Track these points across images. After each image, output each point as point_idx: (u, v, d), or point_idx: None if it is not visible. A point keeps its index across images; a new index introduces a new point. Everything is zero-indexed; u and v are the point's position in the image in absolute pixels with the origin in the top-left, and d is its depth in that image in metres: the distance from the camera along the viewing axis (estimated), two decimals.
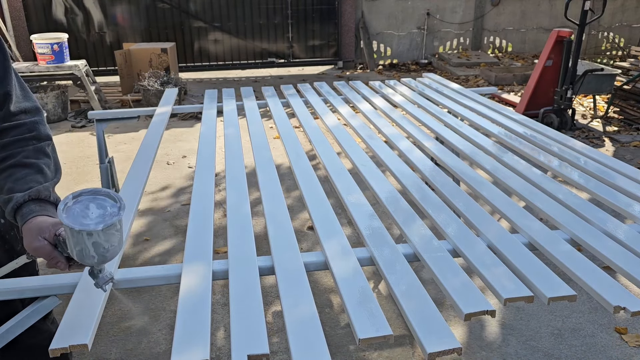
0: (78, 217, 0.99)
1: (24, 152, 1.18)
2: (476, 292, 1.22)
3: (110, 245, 1.01)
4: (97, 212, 1.00)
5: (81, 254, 1.00)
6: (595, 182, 1.86)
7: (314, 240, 3.13)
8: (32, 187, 1.13)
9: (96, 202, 1.02)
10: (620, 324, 2.43)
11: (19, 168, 1.16)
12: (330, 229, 1.53)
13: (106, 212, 1.01)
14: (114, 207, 1.02)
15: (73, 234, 0.98)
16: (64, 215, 0.98)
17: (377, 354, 2.25)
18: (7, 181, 1.14)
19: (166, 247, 3.13)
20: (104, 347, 2.29)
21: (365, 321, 1.12)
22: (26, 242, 1.09)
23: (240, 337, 1.08)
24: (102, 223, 0.98)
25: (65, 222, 0.97)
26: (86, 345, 1.07)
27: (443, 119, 2.63)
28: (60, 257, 1.09)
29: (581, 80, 5.12)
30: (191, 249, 1.43)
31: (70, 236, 0.99)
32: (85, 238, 0.98)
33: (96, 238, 0.98)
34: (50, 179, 1.19)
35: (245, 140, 2.28)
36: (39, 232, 1.08)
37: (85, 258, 1.01)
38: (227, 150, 2.18)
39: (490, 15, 8.91)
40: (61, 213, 0.98)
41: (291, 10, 8.14)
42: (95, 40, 7.64)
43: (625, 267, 1.32)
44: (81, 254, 1.00)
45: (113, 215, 1.00)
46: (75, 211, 1.00)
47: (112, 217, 1.00)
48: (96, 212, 1.00)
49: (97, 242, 0.99)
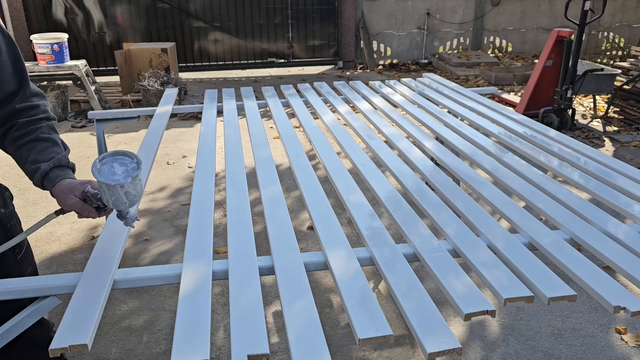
0: (109, 175, 1.25)
1: (39, 129, 1.38)
2: (476, 292, 1.22)
3: (136, 192, 1.29)
4: (121, 169, 1.27)
5: (116, 202, 1.27)
6: (595, 182, 1.86)
7: (314, 240, 3.13)
8: (53, 157, 1.35)
9: (117, 162, 1.29)
10: (620, 324, 2.43)
11: (38, 142, 1.36)
12: (330, 229, 1.53)
13: (128, 168, 1.28)
14: (133, 163, 1.29)
15: (109, 188, 1.24)
16: (98, 176, 1.24)
17: (377, 354, 2.25)
18: (30, 154, 1.34)
19: (166, 247, 3.13)
20: (104, 347, 2.29)
21: (365, 321, 1.12)
22: (60, 201, 1.33)
23: (240, 337, 1.08)
24: (130, 176, 1.25)
25: (101, 181, 1.23)
26: (86, 345, 1.07)
27: (443, 119, 2.63)
28: (90, 209, 1.32)
29: (581, 80, 5.12)
30: (191, 249, 1.43)
31: (106, 190, 1.25)
32: (118, 190, 1.25)
33: (127, 188, 1.26)
34: (64, 150, 1.41)
35: (245, 140, 2.28)
36: (70, 191, 1.31)
37: (119, 205, 1.28)
38: (227, 150, 2.18)
39: (490, 15, 8.91)
40: (95, 174, 1.24)
41: (291, 10, 8.14)
42: (95, 40, 7.65)
43: (625, 267, 1.32)
44: (116, 202, 1.27)
45: (135, 170, 1.27)
46: (105, 171, 1.25)
47: (134, 171, 1.27)
48: (120, 169, 1.27)
49: (128, 191, 1.26)
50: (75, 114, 5.87)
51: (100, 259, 1.38)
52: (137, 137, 5.10)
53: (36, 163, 1.33)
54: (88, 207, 1.32)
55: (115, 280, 1.33)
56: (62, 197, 1.32)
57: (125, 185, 1.25)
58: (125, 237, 1.50)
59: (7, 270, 1.48)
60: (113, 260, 1.37)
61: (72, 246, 3.14)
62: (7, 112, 1.35)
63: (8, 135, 1.37)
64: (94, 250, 1.42)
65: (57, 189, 1.33)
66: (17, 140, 1.37)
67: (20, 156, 1.37)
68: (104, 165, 1.27)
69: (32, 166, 1.34)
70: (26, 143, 1.36)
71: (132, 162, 1.29)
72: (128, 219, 1.35)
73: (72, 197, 1.31)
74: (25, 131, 1.37)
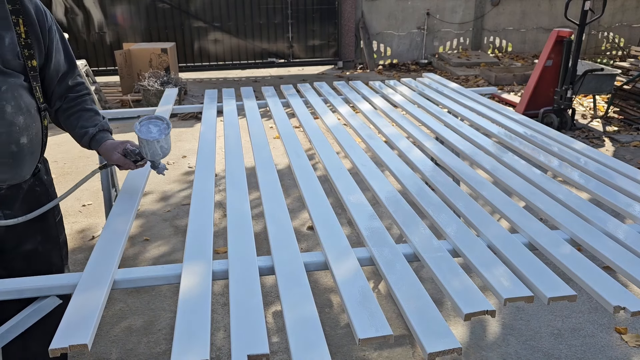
0: (147, 133, 1.61)
1: (85, 101, 1.69)
2: (476, 292, 1.22)
3: (168, 145, 1.65)
4: (156, 129, 1.63)
5: (153, 155, 1.63)
6: (595, 182, 1.86)
7: (314, 240, 3.13)
8: (97, 124, 1.67)
9: (152, 124, 1.64)
10: (620, 324, 2.43)
11: (84, 112, 1.68)
12: (330, 229, 1.53)
13: (161, 128, 1.63)
14: (163, 124, 1.64)
15: (148, 144, 1.60)
16: (140, 134, 1.59)
17: (377, 354, 2.25)
18: (78, 121, 1.66)
19: (166, 247, 3.13)
20: (104, 347, 2.29)
21: (365, 321, 1.12)
22: (106, 157, 1.67)
23: (240, 337, 1.08)
24: (163, 134, 1.61)
25: (142, 138, 1.60)
26: (86, 345, 1.07)
27: (443, 119, 2.63)
28: (129, 163, 1.65)
29: (581, 80, 5.12)
30: (191, 249, 1.43)
31: (146, 145, 1.61)
32: (155, 144, 1.61)
33: (162, 143, 1.62)
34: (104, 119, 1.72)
35: (245, 140, 2.28)
36: (114, 149, 1.64)
37: (155, 156, 1.64)
38: (227, 150, 2.18)
39: (490, 15, 8.92)
40: (138, 133, 1.60)
41: (291, 10, 8.14)
42: (95, 40, 7.65)
43: (625, 267, 1.32)
44: (153, 154, 1.63)
45: (166, 129, 1.63)
46: (144, 131, 1.61)
47: (166, 129, 1.63)
48: (154, 129, 1.63)
49: (162, 145, 1.62)
50: None
51: (100, 259, 1.38)
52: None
53: (84, 128, 1.65)
54: (128, 161, 1.65)
55: (115, 280, 1.33)
56: (107, 154, 1.65)
57: (161, 141, 1.61)
58: (125, 237, 1.50)
59: (48, 229, 1.71)
60: (113, 260, 1.38)
61: (72, 246, 3.14)
62: (63, 88, 1.66)
63: (61, 108, 1.67)
64: (94, 250, 1.42)
65: (102, 148, 1.65)
66: (68, 110, 1.67)
67: (70, 124, 1.67)
68: (142, 126, 1.62)
69: (81, 131, 1.65)
70: (75, 112, 1.66)
71: (162, 123, 1.64)
72: (159, 168, 1.69)
73: (115, 154, 1.64)
74: (74, 103, 1.67)
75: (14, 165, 1.51)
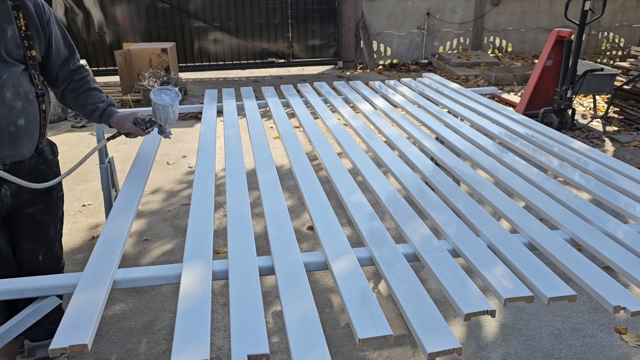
0: (162, 100, 1.97)
1: (89, 82, 1.93)
2: (476, 292, 1.22)
3: (178, 110, 2.03)
4: (167, 97, 1.99)
5: (166, 119, 1.98)
6: (595, 182, 1.86)
7: (314, 240, 3.13)
8: (103, 100, 1.94)
9: (163, 92, 2.00)
10: (620, 324, 2.43)
11: (90, 91, 1.92)
12: (330, 229, 1.53)
13: (171, 96, 1.99)
14: (173, 93, 2.00)
15: (164, 108, 1.97)
16: (157, 101, 1.96)
17: (377, 354, 2.25)
18: (87, 99, 1.90)
19: (166, 247, 3.13)
20: (104, 347, 2.29)
21: (365, 321, 1.12)
22: (118, 128, 1.93)
23: (240, 337, 1.08)
24: (175, 100, 1.99)
25: (159, 103, 1.96)
26: (86, 345, 1.07)
27: (443, 119, 2.63)
28: (139, 130, 1.92)
29: (581, 80, 5.12)
30: (191, 249, 1.43)
31: (161, 110, 1.97)
32: (169, 109, 1.97)
33: (174, 108, 1.99)
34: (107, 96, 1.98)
35: (245, 140, 2.28)
36: (125, 119, 1.91)
37: (168, 120, 1.99)
38: (227, 150, 2.18)
39: (490, 15, 8.92)
40: (154, 100, 1.97)
41: (291, 10, 8.14)
42: (95, 40, 7.65)
43: (625, 267, 1.32)
44: (166, 118, 1.98)
45: (177, 96, 2.00)
46: (157, 98, 1.97)
47: (176, 97, 2.00)
48: (166, 97, 1.99)
49: (174, 110, 1.99)
50: (75, 114, 5.87)
51: (100, 259, 1.38)
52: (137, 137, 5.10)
53: (94, 105, 1.91)
54: (139, 129, 1.91)
55: (115, 280, 1.33)
56: (119, 124, 1.92)
57: (173, 106, 1.98)
58: (125, 237, 1.50)
59: (49, 202, 1.92)
60: (113, 260, 1.38)
61: (72, 246, 3.14)
62: (66, 72, 1.87)
63: (67, 88, 1.90)
64: (94, 250, 1.42)
65: (114, 119, 1.93)
66: (75, 91, 1.90)
67: (79, 102, 1.91)
68: (156, 95, 1.98)
69: (91, 107, 1.91)
70: (82, 92, 1.90)
71: (172, 92, 2.00)
72: (166, 132, 2.00)
73: (127, 123, 1.91)
74: (79, 84, 1.90)
75: (13, 144, 1.69)
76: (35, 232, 1.89)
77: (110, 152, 3.00)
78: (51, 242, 1.97)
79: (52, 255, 1.98)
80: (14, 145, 1.69)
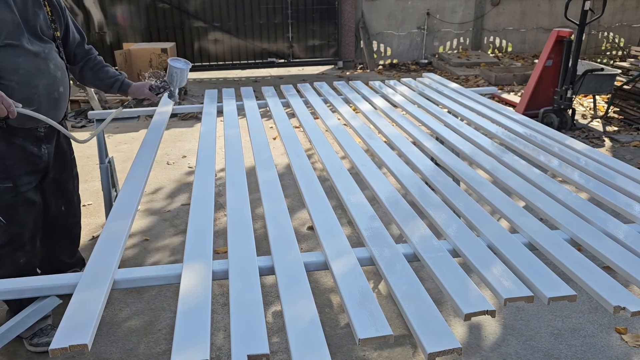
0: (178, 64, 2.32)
1: (102, 61, 2.36)
2: (476, 292, 1.22)
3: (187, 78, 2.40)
4: (180, 64, 2.34)
5: (180, 82, 2.36)
6: (595, 182, 1.86)
7: (314, 240, 3.13)
8: (120, 74, 2.38)
9: (177, 61, 2.35)
10: (620, 324, 2.43)
11: (106, 67, 2.36)
12: (330, 229, 1.54)
13: (183, 63, 2.35)
14: (183, 61, 2.35)
15: (181, 72, 2.33)
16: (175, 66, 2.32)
17: (377, 354, 2.25)
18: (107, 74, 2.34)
19: (166, 247, 3.13)
20: (104, 347, 2.29)
21: (365, 321, 1.12)
22: (138, 94, 2.39)
23: (240, 337, 1.08)
24: (186, 66, 2.35)
25: (177, 67, 2.32)
26: (86, 345, 1.07)
27: (443, 119, 2.63)
28: (153, 95, 2.38)
29: (581, 80, 5.12)
30: (191, 249, 1.43)
31: (179, 73, 2.33)
32: (184, 73, 2.34)
33: (187, 72, 2.36)
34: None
35: (245, 140, 2.28)
36: (143, 86, 2.38)
37: (181, 83, 2.36)
38: (227, 150, 2.18)
39: (490, 15, 8.92)
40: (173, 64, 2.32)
41: (291, 10, 8.14)
42: (95, 40, 7.64)
43: (625, 267, 1.32)
44: (180, 82, 2.35)
45: (186, 63, 2.36)
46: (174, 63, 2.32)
47: (187, 64, 2.36)
48: (179, 63, 2.34)
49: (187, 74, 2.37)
50: (76, 114, 5.87)
51: (100, 259, 1.38)
52: (137, 137, 5.10)
53: (113, 78, 2.34)
54: (152, 94, 2.37)
55: (115, 280, 1.33)
56: (139, 91, 2.38)
57: (185, 70, 2.34)
58: (125, 237, 1.50)
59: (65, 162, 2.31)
60: (113, 260, 1.38)
61: None
62: (82, 52, 2.28)
63: (86, 66, 2.31)
64: (94, 250, 1.42)
65: (133, 88, 2.37)
66: (93, 68, 2.32)
67: (98, 77, 2.32)
68: (173, 61, 2.33)
69: (111, 80, 2.33)
70: (100, 68, 2.33)
71: (182, 61, 2.35)
72: (175, 97, 2.40)
73: (145, 89, 2.37)
74: (97, 62, 2.33)
75: (55, 108, 2.07)
76: (57, 190, 2.29)
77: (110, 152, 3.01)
78: (70, 195, 2.39)
79: (72, 205, 2.41)
80: (55, 109, 2.07)
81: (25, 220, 2.09)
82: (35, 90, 1.93)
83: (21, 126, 1.97)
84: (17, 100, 1.82)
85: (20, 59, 1.88)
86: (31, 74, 1.91)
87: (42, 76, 1.95)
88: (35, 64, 1.92)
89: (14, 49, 1.86)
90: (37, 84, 1.93)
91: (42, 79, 1.95)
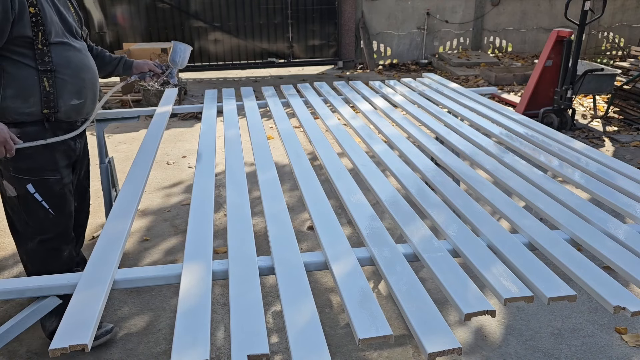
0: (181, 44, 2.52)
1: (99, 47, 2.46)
2: (476, 292, 1.22)
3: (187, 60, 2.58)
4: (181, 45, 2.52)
5: (182, 60, 2.52)
6: (595, 182, 1.86)
7: (314, 240, 3.13)
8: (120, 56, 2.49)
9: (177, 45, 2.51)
10: (620, 324, 2.43)
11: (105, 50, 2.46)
12: (330, 229, 1.54)
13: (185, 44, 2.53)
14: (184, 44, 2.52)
15: (186, 49, 2.52)
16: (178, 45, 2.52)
17: (377, 354, 2.25)
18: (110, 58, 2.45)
19: (166, 247, 3.13)
20: (104, 347, 2.29)
21: (365, 321, 1.12)
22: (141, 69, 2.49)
23: (240, 337, 1.08)
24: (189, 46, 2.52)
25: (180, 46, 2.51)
26: (86, 345, 1.07)
27: (443, 119, 2.63)
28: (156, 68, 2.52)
29: (581, 80, 5.12)
30: (191, 249, 1.43)
31: (184, 50, 2.52)
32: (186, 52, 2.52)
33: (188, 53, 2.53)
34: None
35: (245, 140, 2.28)
36: (145, 64, 2.51)
37: (184, 61, 2.53)
38: (227, 150, 2.18)
39: (490, 15, 8.92)
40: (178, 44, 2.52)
41: (291, 10, 8.14)
42: (95, 40, 7.64)
43: (625, 267, 1.32)
44: (182, 60, 2.52)
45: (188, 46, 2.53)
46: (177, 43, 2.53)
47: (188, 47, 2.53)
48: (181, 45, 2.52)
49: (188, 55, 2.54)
50: None
51: (100, 259, 1.38)
52: (137, 137, 5.10)
53: (116, 59, 2.46)
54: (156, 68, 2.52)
55: (115, 280, 1.33)
56: (141, 67, 2.49)
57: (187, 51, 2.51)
58: (125, 237, 1.50)
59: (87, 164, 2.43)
60: (113, 260, 1.38)
61: None
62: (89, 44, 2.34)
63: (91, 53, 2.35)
64: (94, 250, 1.42)
65: (135, 65, 2.49)
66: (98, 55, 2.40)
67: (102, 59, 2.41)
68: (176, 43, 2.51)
69: (115, 60, 2.46)
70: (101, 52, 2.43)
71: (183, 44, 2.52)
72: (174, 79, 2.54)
73: (148, 63, 2.51)
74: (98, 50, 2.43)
75: (94, 100, 2.19)
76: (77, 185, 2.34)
77: (110, 152, 3.01)
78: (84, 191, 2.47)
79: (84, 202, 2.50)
80: (94, 102, 2.19)
81: (71, 210, 2.19)
82: (83, 83, 2.07)
83: (68, 119, 2.07)
84: (69, 93, 2.00)
85: (69, 54, 2.02)
86: (79, 68, 2.05)
87: (87, 70, 2.09)
88: (79, 58, 2.06)
89: (63, 46, 2.00)
90: (84, 77, 2.07)
91: (87, 73, 2.09)
